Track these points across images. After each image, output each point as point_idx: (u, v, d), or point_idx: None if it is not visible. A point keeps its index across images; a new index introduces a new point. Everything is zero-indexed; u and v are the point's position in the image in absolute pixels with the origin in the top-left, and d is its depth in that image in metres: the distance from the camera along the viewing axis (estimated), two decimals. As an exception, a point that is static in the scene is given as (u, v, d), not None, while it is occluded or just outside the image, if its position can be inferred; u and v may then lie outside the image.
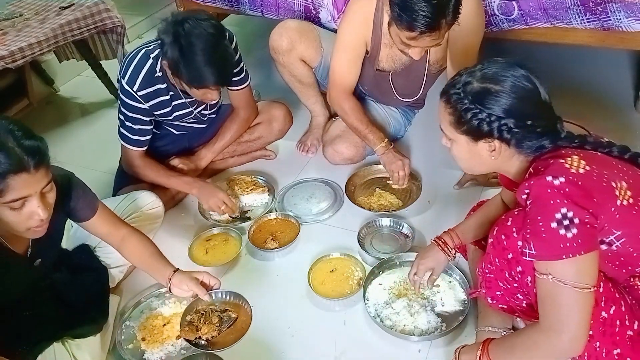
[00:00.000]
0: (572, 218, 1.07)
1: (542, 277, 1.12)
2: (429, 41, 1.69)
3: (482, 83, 1.19)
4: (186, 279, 1.56)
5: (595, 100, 2.50)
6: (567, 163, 1.12)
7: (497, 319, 1.47)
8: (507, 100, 1.16)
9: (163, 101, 1.93)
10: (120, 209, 1.77)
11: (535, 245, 1.12)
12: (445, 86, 1.27)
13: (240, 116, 2.21)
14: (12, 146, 1.19)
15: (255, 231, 1.98)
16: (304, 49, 2.17)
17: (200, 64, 1.70)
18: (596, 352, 1.19)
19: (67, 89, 3.09)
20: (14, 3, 2.65)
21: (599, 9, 2.00)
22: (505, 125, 1.17)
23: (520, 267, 1.24)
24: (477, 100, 1.19)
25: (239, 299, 1.66)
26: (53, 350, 1.43)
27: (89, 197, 1.54)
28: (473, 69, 1.23)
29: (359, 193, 2.12)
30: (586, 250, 1.08)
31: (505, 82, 1.17)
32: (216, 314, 1.60)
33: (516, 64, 1.20)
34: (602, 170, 1.13)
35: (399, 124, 2.34)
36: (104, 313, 1.61)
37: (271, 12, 2.51)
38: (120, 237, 1.60)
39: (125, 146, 2.01)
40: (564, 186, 1.08)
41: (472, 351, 1.31)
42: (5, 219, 1.25)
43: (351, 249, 1.87)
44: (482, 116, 1.18)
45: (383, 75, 2.10)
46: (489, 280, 1.35)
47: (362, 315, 1.67)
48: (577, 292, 1.09)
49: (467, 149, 1.26)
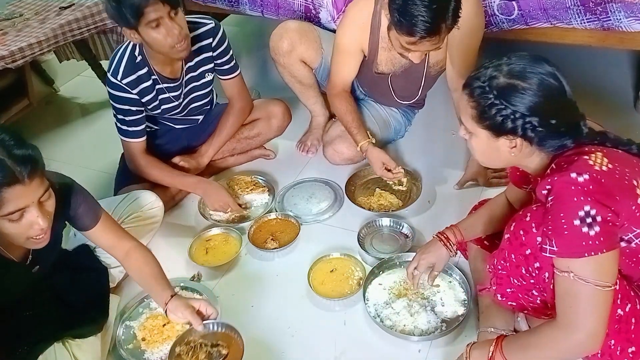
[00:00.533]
0: (595, 216, 1.06)
1: (563, 274, 1.12)
2: (428, 45, 1.69)
3: (508, 78, 1.16)
4: (182, 306, 1.51)
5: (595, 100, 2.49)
6: (590, 160, 1.11)
7: (500, 319, 1.47)
8: (533, 98, 1.14)
9: (147, 87, 1.93)
10: (120, 209, 1.77)
11: (557, 242, 1.11)
12: (468, 78, 1.23)
13: (235, 107, 2.21)
14: (3, 157, 1.15)
15: (255, 231, 1.98)
16: (304, 50, 2.17)
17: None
18: (610, 349, 1.19)
19: (67, 89, 3.09)
20: (14, 3, 2.65)
21: (599, 9, 2.00)
22: (530, 124, 1.15)
23: (538, 263, 1.22)
24: (503, 96, 1.16)
25: (231, 331, 1.54)
26: (53, 351, 1.42)
27: (91, 205, 1.51)
28: (500, 62, 1.19)
29: (359, 193, 2.12)
30: (608, 249, 1.08)
31: (532, 79, 1.15)
32: (205, 350, 1.51)
33: (543, 60, 1.18)
34: (624, 168, 1.13)
35: (399, 124, 2.34)
36: (104, 313, 1.60)
37: (271, 12, 2.51)
38: (124, 252, 1.57)
39: (124, 140, 2.01)
40: (588, 183, 1.07)
41: (484, 348, 1.30)
42: (5, 231, 1.23)
43: (351, 249, 1.88)
44: (506, 112, 1.15)
45: (382, 77, 2.11)
46: (500, 277, 1.34)
47: (362, 315, 1.67)
48: (598, 290, 1.09)
49: (486, 143, 1.23)
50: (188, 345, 1.52)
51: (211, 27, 2.00)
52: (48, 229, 1.28)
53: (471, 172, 2.07)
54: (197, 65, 2.02)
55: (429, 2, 1.57)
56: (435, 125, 2.45)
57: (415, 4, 1.58)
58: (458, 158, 2.18)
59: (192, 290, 1.77)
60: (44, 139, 2.61)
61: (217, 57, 2.05)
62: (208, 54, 2.03)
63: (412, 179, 2.12)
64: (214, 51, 2.03)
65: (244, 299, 1.75)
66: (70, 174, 1.51)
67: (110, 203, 1.78)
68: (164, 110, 2.03)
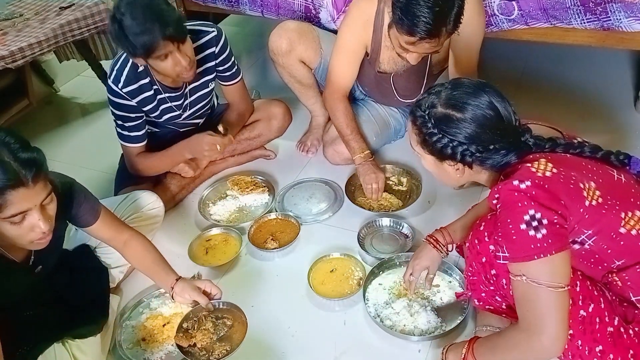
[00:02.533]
0: (540, 219, 1.09)
1: (517, 278, 1.14)
2: (427, 47, 1.69)
3: (445, 109, 1.21)
4: (188, 287, 1.56)
5: (595, 100, 2.50)
6: (533, 167, 1.15)
7: (495, 318, 1.48)
8: (468, 129, 1.19)
9: (148, 97, 1.93)
10: (121, 209, 1.77)
11: (507, 247, 1.14)
12: (413, 105, 1.30)
13: (236, 112, 2.20)
14: (9, 160, 1.16)
15: (255, 231, 1.98)
16: (303, 50, 2.17)
17: (138, 27, 1.66)
18: (579, 350, 1.21)
19: (67, 89, 3.10)
20: (14, 3, 2.65)
21: (598, 9, 2.00)
22: (468, 151, 1.21)
23: (494, 270, 1.27)
24: (440, 126, 1.21)
25: (236, 309, 1.62)
26: (53, 351, 1.42)
27: (91, 203, 1.53)
28: (440, 88, 1.25)
29: (359, 193, 2.12)
30: (557, 250, 1.10)
31: (466, 110, 1.19)
32: (210, 320, 1.58)
33: (480, 87, 1.21)
34: (570, 172, 1.15)
35: (399, 124, 2.34)
36: (104, 313, 1.61)
37: (271, 12, 2.51)
38: (123, 241, 1.59)
39: (123, 145, 2.01)
40: (530, 189, 1.10)
41: (458, 349, 1.35)
42: (6, 233, 1.24)
43: (351, 249, 1.88)
44: (444, 141, 1.22)
45: (384, 77, 2.11)
46: (473, 283, 1.38)
47: (362, 315, 1.67)
48: (552, 292, 1.10)
49: (434, 165, 1.30)
50: (193, 319, 1.58)
51: (214, 35, 1.97)
52: (49, 232, 1.28)
53: (471, 172, 2.07)
54: (201, 75, 2.00)
55: (433, 4, 1.57)
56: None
57: (419, 4, 1.58)
58: (458, 158, 2.17)
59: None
60: (44, 139, 2.61)
61: (219, 64, 2.04)
62: (211, 63, 2.01)
63: (412, 179, 2.12)
64: (217, 59, 2.01)
65: (244, 299, 1.75)
66: (70, 174, 1.52)
67: (111, 204, 1.77)
68: (165, 119, 2.03)
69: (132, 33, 1.67)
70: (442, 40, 1.68)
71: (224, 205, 2.13)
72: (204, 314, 1.59)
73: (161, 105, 1.98)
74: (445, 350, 1.39)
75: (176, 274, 1.60)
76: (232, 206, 2.13)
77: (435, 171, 1.32)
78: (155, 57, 1.73)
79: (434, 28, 1.61)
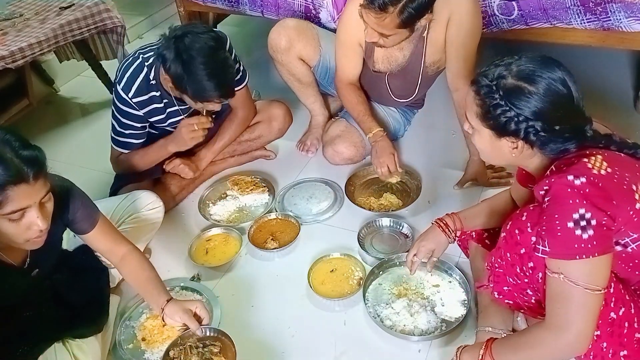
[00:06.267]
0: (589, 219, 1.06)
1: (553, 275, 1.12)
2: (373, 21, 1.73)
3: (516, 80, 1.14)
4: (180, 310, 1.53)
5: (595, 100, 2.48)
6: (589, 163, 1.11)
7: (498, 319, 1.47)
8: (538, 103, 1.13)
9: (157, 108, 1.94)
10: (120, 209, 1.77)
11: (550, 242, 1.11)
12: (478, 74, 1.22)
13: (238, 115, 2.20)
14: (11, 157, 1.17)
15: (255, 231, 1.98)
16: (302, 48, 2.17)
17: (204, 79, 1.71)
18: (602, 352, 1.19)
19: (67, 89, 3.09)
20: (14, 3, 2.65)
21: (598, 9, 2.00)
22: (533, 128, 1.14)
23: (532, 263, 1.23)
24: (508, 98, 1.14)
25: (223, 336, 1.55)
26: (53, 351, 1.43)
27: (89, 209, 1.51)
28: (510, 60, 1.17)
29: (359, 193, 2.12)
30: (600, 253, 1.07)
31: (540, 83, 1.13)
32: (197, 352, 1.51)
33: (554, 63, 1.16)
34: (624, 172, 1.12)
35: (399, 124, 2.34)
36: (104, 313, 1.61)
37: (271, 12, 2.51)
38: (120, 256, 1.57)
39: (114, 148, 2.02)
40: (585, 187, 1.07)
41: (474, 350, 1.30)
42: (4, 231, 1.24)
43: (351, 249, 1.88)
44: (510, 115, 1.15)
45: (379, 76, 2.11)
46: (498, 275, 1.34)
47: (362, 315, 1.67)
48: (587, 293, 1.08)
49: (489, 141, 1.23)
50: (180, 348, 1.53)
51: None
52: (46, 231, 1.28)
53: (471, 172, 2.07)
54: None
55: None
56: (435, 125, 2.45)
57: None
58: (458, 158, 2.18)
59: (192, 291, 1.77)
60: (44, 139, 2.61)
61: None
62: None
63: (412, 179, 2.12)
64: None
65: (244, 299, 1.75)
66: (70, 174, 1.51)
67: (110, 203, 1.78)
68: (169, 123, 2.03)
69: (193, 81, 1.72)
70: (387, 19, 1.70)
71: (224, 205, 2.13)
72: (190, 344, 1.52)
73: (170, 118, 2.00)
74: (459, 352, 1.35)
75: (168, 295, 1.58)
76: (232, 206, 2.13)
77: (487, 148, 1.25)
78: (200, 102, 1.81)
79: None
